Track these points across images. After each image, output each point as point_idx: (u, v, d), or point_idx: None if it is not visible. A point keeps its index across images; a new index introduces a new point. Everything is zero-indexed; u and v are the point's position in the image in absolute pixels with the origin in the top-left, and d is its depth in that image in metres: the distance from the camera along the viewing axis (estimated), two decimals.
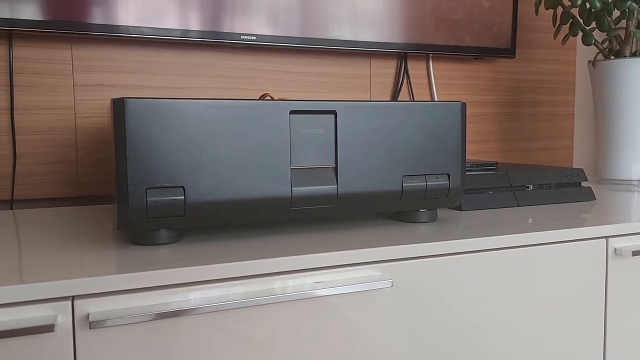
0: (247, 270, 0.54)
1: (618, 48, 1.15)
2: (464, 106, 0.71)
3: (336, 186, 0.65)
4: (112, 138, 0.58)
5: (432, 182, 0.69)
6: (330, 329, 0.59)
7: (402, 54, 1.18)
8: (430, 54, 1.21)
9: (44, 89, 0.92)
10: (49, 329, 0.47)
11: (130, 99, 0.56)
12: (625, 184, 1.15)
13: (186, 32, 0.94)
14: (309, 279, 0.58)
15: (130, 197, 0.56)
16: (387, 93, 1.19)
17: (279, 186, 0.62)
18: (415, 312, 0.63)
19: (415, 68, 1.21)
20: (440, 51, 1.15)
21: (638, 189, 1.09)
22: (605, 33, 1.15)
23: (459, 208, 0.84)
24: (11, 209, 0.92)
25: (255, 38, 0.99)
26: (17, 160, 0.91)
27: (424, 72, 1.22)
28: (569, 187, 0.94)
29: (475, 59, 1.26)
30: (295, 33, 1.02)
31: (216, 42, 0.98)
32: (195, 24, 0.95)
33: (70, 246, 0.61)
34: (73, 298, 0.49)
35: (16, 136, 0.91)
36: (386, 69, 1.18)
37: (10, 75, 0.90)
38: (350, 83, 1.15)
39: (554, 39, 1.23)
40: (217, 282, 0.54)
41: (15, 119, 0.91)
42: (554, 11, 1.19)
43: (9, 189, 0.91)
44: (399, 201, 0.69)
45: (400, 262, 0.61)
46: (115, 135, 0.56)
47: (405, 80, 1.20)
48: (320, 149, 0.64)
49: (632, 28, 1.12)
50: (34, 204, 0.94)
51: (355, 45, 1.07)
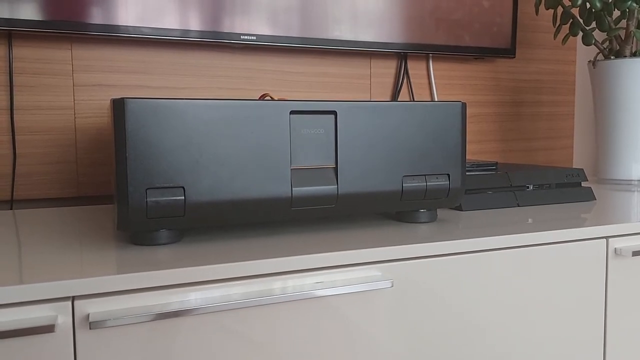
0: (247, 270, 0.54)
1: (618, 48, 1.15)
2: (464, 106, 0.71)
3: (336, 186, 0.65)
4: (112, 138, 0.58)
5: (432, 182, 0.69)
6: (330, 329, 0.59)
7: (402, 54, 1.18)
8: (430, 54, 1.21)
9: (43, 89, 0.92)
10: (49, 329, 0.47)
11: (130, 99, 0.56)
12: (625, 184, 1.15)
13: (186, 32, 0.94)
14: (309, 279, 0.58)
15: (130, 197, 0.56)
16: (387, 93, 1.19)
17: (279, 186, 0.62)
18: (416, 312, 0.63)
19: (415, 68, 1.21)
20: (440, 51, 1.15)
21: (638, 189, 1.09)
22: (606, 33, 1.15)
23: (459, 208, 0.84)
24: (11, 209, 0.92)
25: (255, 38, 0.99)
26: (17, 160, 0.91)
27: (424, 72, 1.22)
28: (569, 187, 0.94)
29: (475, 59, 1.26)
30: (295, 33, 1.02)
31: (216, 42, 0.98)
32: (194, 24, 0.94)
33: (70, 246, 0.61)
34: (73, 298, 0.49)
35: (16, 136, 0.91)
36: (386, 69, 1.18)
37: (10, 75, 0.90)
38: (350, 83, 1.15)
39: (554, 39, 1.23)
40: (217, 282, 0.54)
41: (15, 119, 0.91)
42: (554, 11, 1.19)
43: (9, 189, 0.91)
44: (399, 201, 0.69)
45: (400, 262, 0.61)
46: (115, 135, 0.56)
47: (405, 80, 1.20)
48: (320, 149, 0.64)
49: (632, 28, 1.12)
50: (34, 204, 0.94)
51: (355, 45, 1.07)
